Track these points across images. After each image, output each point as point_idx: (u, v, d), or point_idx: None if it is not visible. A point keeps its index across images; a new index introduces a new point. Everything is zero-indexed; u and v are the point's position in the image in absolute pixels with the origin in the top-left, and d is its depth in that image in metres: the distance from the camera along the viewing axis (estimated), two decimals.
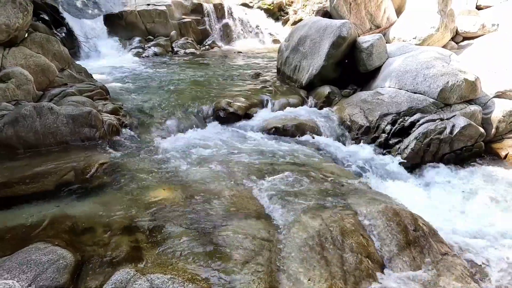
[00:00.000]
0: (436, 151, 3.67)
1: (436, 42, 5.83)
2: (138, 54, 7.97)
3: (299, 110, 4.52)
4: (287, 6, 11.39)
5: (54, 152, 3.22)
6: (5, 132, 3.17)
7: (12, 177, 2.73)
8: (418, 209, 2.48)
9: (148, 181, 2.84)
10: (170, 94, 4.86)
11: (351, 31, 4.64)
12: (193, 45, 8.84)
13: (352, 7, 6.45)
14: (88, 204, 2.52)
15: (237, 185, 2.76)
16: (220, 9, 9.95)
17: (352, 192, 2.74)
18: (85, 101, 3.87)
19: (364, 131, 4.02)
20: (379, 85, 4.44)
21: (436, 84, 3.88)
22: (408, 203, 2.59)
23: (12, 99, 3.62)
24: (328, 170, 3.11)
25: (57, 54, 4.38)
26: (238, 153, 3.40)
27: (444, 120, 3.74)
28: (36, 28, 4.51)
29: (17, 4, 3.85)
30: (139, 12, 8.57)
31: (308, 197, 2.60)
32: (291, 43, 5.44)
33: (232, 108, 4.35)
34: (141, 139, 3.75)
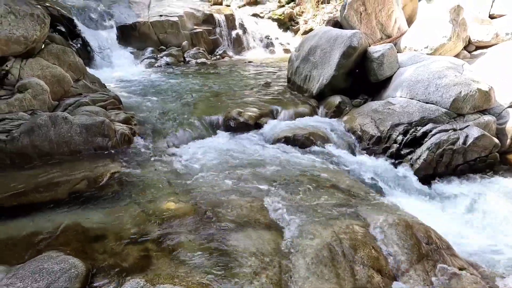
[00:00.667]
0: (449, 162, 3.61)
1: (448, 51, 5.77)
2: (151, 64, 8.09)
3: (310, 120, 4.52)
4: (298, 16, 11.46)
5: (67, 161, 3.28)
6: (21, 141, 3.25)
7: (27, 185, 2.79)
8: (431, 222, 2.44)
9: (159, 191, 2.86)
10: (181, 104, 4.92)
11: (361, 41, 4.64)
12: (204, 55, 8.94)
13: (363, 17, 6.45)
14: (100, 213, 2.55)
15: (247, 196, 2.76)
16: (231, 19, 10.06)
17: (364, 203, 2.71)
18: (98, 111, 3.95)
19: (375, 141, 3.99)
20: (390, 95, 4.41)
21: (449, 94, 3.84)
22: (420, 215, 2.55)
23: (29, 108, 3.71)
24: (338, 180, 3.09)
25: (72, 65, 4.49)
26: (248, 163, 3.41)
27: (457, 131, 3.68)
28: (52, 40, 4.64)
29: (35, 17, 3.97)
30: (151, 23, 8.73)
31: (318, 208, 2.58)
32: (302, 53, 5.46)
33: (243, 118, 4.37)
34: (152, 148, 3.79)
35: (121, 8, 8.98)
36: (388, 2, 6.37)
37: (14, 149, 3.23)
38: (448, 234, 2.42)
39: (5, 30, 3.70)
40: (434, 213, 2.82)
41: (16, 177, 2.95)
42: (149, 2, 9.80)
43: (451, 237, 2.43)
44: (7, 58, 3.88)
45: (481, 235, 2.63)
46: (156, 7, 9.47)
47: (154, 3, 9.80)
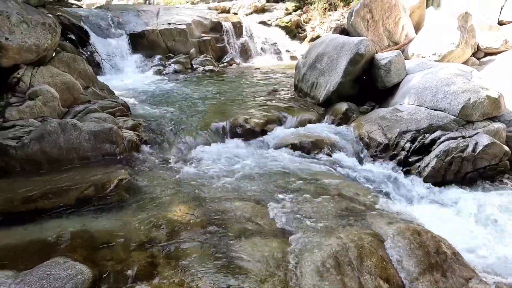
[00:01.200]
0: (458, 169, 3.56)
1: (457, 58, 5.73)
2: (159, 71, 8.18)
3: (316, 127, 4.51)
4: (305, 23, 11.51)
5: (75, 167, 3.32)
6: (31, 148, 3.30)
7: (36, 191, 2.82)
8: (440, 230, 2.40)
9: (165, 197, 2.87)
10: (188, 110, 4.95)
11: (368, 48, 4.64)
12: (212, 62, 9.02)
13: (370, 24, 6.45)
14: (107, 219, 2.57)
15: (253, 202, 2.76)
16: (238, 27, 10.15)
17: (371, 211, 2.69)
18: (107, 118, 3.99)
19: (383, 148, 3.96)
20: (398, 101, 4.39)
21: (457, 101, 3.80)
22: (429, 224, 2.51)
23: (39, 115, 3.77)
24: (345, 188, 3.07)
25: (82, 72, 4.56)
26: (254, 170, 3.40)
27: (466, 138, 3.64)
28: (63, 48, 4.73)
29: (47, 26, 4.05)
30: (160, 31, 8.85)
31: (325, 215, 2.56)
32: (309, 60, 5.47)
33: (249, 125, 4.38)
34: (159, 155, 3.82)
35: (130, 17, 9.12)
36: (395, 9, 6.37)
37: (24, 155, 3.28)
38: (458, 243, 2.38)
39: (17, 38, 3.78)
40: (443, 222, 2.78)
41: (25, 183, 2.98)
42: (157, 10, 9.94)
43: (461, 246, 2.39)
44: (19, 66, 3.96)
45: (492, 243, 2.58)
46: (165, 15, 9.59)
47: (163, 11, 9.94)
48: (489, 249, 2.52)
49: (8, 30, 3.73)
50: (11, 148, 3.26)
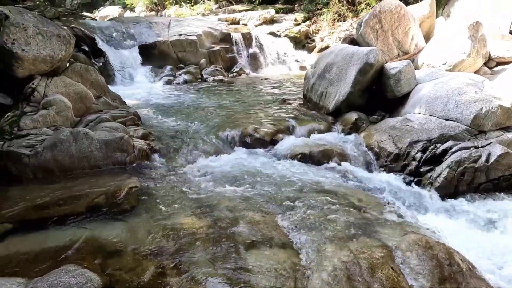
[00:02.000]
0: (471, 180, 3.50)
1: (468, 67, 5.69)
2: (169, 81, 8.29)
3: (326, 137, 4.49)
4: (314, 34, 11.57)
5: (87, 176, 3.36)
6: (44, 156, 3.35)
7: (48, 199, 2.86)
8: (452, 242, 2.35)
9: (175, 206, 2.88)
10: (198, 120, 4.99)
11: (378, 57, 4.63)
12: (222, 72, 9.10)
13: (379, 34, 6.46)
14: (117, 228, 2.58)
15: (262, 212, 2.74)
16: (248, 38, 10.26)
17: (381, 222, 2.65)
18: (118, 127, 4.04)
19: (393, 158, 3.92)
20: (408, 111, 4.35)
21: (469, 110, 3.76)
22: (441, 235, 2.47)
23: (52, 124, 3.84)
24: (356, 198, 3.04)
25: (94, 82, 4.65)
26: (264, 179, 3.40)
27: (479, 148, 3.58)
28: (77, 59, 4.84)
29: (61, 38, 4.16)
30: (171, 42, 9.00)
31: (335, 226, 2.53)
32: (318, 70, 5.49)
33: (259, 134, 4.38)
34: (169, 164, 3.84)
35: (142, 28, 9.30)
36: (405, 20, 6.37)
37: (37, 164, 3.33)
38: (471, 255, 2.32)
39: (33, 50, 3.89)
40: (456, 233, 2.72)
41: (38, 190, 3.03)
42: (169, 22, 10.12)
43: (475, 258, 2.33)
44: (34, 77, 4.05)
45: (507, 256, 2.51)
46: (176, 27, 9.76)
47: (174, 23, 10.11)
48: (503, 261, 2.46)
49: (24, 41, 3.83)
50: (24, 156, 3.32)
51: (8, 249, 2.35)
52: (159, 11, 18.46)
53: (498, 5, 6.67)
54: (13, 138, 3.50)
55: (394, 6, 6.34)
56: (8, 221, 2.61)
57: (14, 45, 3.77)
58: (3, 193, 3.02)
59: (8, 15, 3.81)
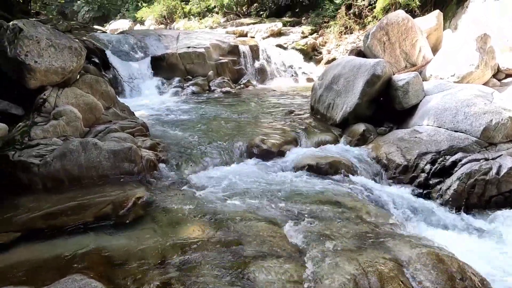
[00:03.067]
0: (482, 193, 3.44)
1: (476, 79, 5.65)
2: (177, 93, 8.39)
3: (333, 148, 4.48)
4: (321, 46, 11.65)
5: (95, 185, 3.38)
6: (53, 166, 3.39)
7: (56, 208, 2.88)
8: (464, 256, 2.30)
9: (182, 217, 2.87)
10: (206, 131, 5.02)
11: (385, 69, 4.64)
12: (229, 84, 9.18)
13: (386, 46, 6.48)
14: (124, 238, 2.58)
15: (269, 223, 2.72)
16: (255, 50, 10.37)
17: (390, 234, 2.61)
18: (126, 137, 4.08)
19: (402, 170, 3.88)
20: (417, 123, 4.32)
21: (479, 122, 3.72)
22: (452, 249, 2.41)
23: (62, 134, 3.89)
24: (364, 210, 3.00)
25: (104, 93, 4.72)
26: (270, 190, 3.38)
27: (489, 160, 3.53)
28: (87, 70, 4.92)
29: (73, 50, 4.25)
30: (179, 54, 9.13)
31: (343, 238, 2.50)
32: (325, 81, 5.50)
33: (266, 145, 4.38)
34: (176, 174, 3.85)
35: (151, 41, 9.47)
36: (412, 32, 6.39)
37: (46, 173, 3.36)
38: (483, 269, 2.26)
39: (45, 61, 3.97)
40: (467, 247, 2.66)
41: (46, 200, 3.05)
42: (177, 35, 10.29)
43: (487, 273, 2.27)
44: (45, 88, 4.13)
45: None
46: (185, 39, 9.92)
47: (183, 36, 10.28)
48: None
49: (37, 53, 3.92)
50: (34, 166, 3.36)
51: (15, 257, 2.36)
52: (168, 24, 18.82)
53: (505, 9, 6.67)
54: (24, 148, 3.55)
55: (401, 19, 6.37)
56: (16, 230, 2.62)
57: (27, 57, 3.86)
58: (13, 202, 3.05)
59: (22, 28, 3.91)
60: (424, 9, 9.58)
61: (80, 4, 22.98)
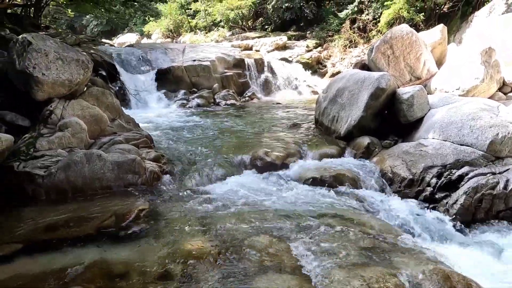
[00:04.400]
0: (489, 207, 3.37)
1: (482, 93, 5.64)
2: (183, 105, 8.45)
3: (338, 161, 4.45)
4: (325, 59, 11.74)
5: (98, 197, 3.38)
6: (57, 177, 3.40)
7: (58, 220, 2.88)
8: (471, 273, 2.24)
9: (184, 229, 2.85)
10: (210, 143, 5.02)
11: (390, 82, 4.64)
12: (234, 97, 9.24)
13: (391, 60, 6.50)
14: (125, 250, 2.56)
15: (272, 237, 2.69)
16: (260, 63, 10.47)
17: (395, 249, 2.56)
18: (131, 149, 4.10)
19: (407, 183, 3.84)
20: (422, 136, 4.30)
21: (485, 136, 3.68)
22: (459, 265, 2.36)
23: (67, 146, 3.92)
24: (369, 224, 2.95)
25: (110, 105, 4.76)
26: (274, 203, 3.35)
27: (496, 174, 3.48)
28: (94, 83, 4.99)
29: (80, 63, 4.31)
30: (185, 67, 9.24)
31: (348, 253, 2.45)
32: (329, 94, 5.52)
33: (270, 158, 4.37)
34: (180, 186, 3.84)
35: (157, 54, 9.61)
36: (416, 45, 6.41)
37: (51, 184, 3.38)
38: (490, 287, 2.20)
39: (52, 74, 4.03)
40: (474, 263, 2.60)
41: (49, 211, 3.05)
42: (183, 48, 10.44)
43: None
44: (52, 100, 4.18)
45: None
46: (191, 52, 10.05)
47: (189, 49, 10.42)
48: None
49: (45, 66, 3.99)
50: (38, 177, 3.37)
51: (16, 269, 2.35)
52: (174, 38, 19.13)
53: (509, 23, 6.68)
54: (29, 159, 3.58)
55: (405, 33, 6.41)
56: (18, 241, 2.62)
57: (35, 69, 3.92)
58: (17, 213, 3.06)
59: (31, 41, 3.99)
60: (428, 23, 9.65)
61: (89, 19, 23.47)
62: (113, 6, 11.60)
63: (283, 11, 14.53)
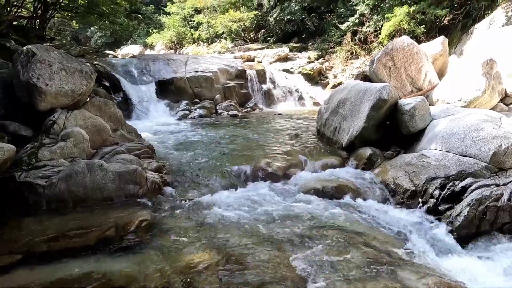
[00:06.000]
0: (493, 220, 3.33)
1: (484, 104, 5.64)
2: (185, 115, 8.48)
3: (339, 172, 4.43)
4: (327, 71, 11.81)
5: (99, 207, 3.36)
6: (59, 187, 3.39)
7: (59, 230, 2.85)
8: (474, 286, 2.20)
9: (185, 241, 2.82)
10: (211, 154, 5.02)
11: (391, 93, 4.65)
12: (236, 107, 9.28)
13: (392, 71, 6.53)
14: (125, 262, 2.53)
15: (274, 249, 2.66)
16: (262, 74, 10.54)
17: (399, 262, 2.52)
18: (132, 159, 4.09)
19: (410, 195, 3.80)
20: (424, 147, 4.28)
21: (487, 147, 3.66)
22: (463, 279, 2.32)
23: (69, 156, 3.92)
24: (371, 236, 2.92)
25: (112, 116, 4.78)
26: (275, 215, 3.32)
27: (500, 186, 3.44)
28: (97, 93, 5.03)
29: (83, 73, 4.35)
30: (187, 78, 9.31)
31: (350, 266, 2.42)
32: (331, 105, 5.52)
33: (271, 168, 4.36)
34: (181, 197, 3.82)
35: (160, 65, 9.69)
36: (417, 57, 6.45)
37: (52, 194, 3.37)
38: None
39: (56, 84, 4.07)
40: (478, 277, 2.55)
41: (50, 221, 3.03)
42: (186, 59, 10.53)
43: None
44: (55, 110, 4.21)
45: None
46: (193, 64, 10.13)
47: (191, 60, 10.51)
48: None
49: (48, 76, 4.02)
50: (40, 187, 3.36)
51: (15, 281, 2.32)
52: (177, 49, 19.33)
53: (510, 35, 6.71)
54: (31, 169, 3.58)
55: (407, 44, 6.45)
56: (17, 252, 2.60)
57: (39, 80, 3.95)
58: (17, 223, 3.04)
59: (36, 52, 4.03)
60: (428, 35, 9.73)
61: (93, 30, 23.80)
62: (117, 18, 11.76)
63: (285, 23, 14.71)
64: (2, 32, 8.26)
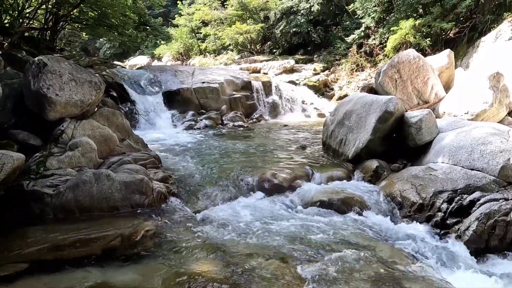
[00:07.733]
0: (503, 234, 3.28)
1: (491, 117, 5.60)
2: (191, 126, 8.52)
3: (345, 184, 4.40)
4: (333, 83, 11.86)
5: (105, 217, 3.37)
6: (66, 196, 3.41)
7: (65, 240, 2.86)
8: None
9: (190, 252, 2.81)
10: (217, 164, 5.03)
11: (398, 106, 4.65)
12: (241, 118, 9.31)
13: (398, 84, 6.53)
14: (131, 272, 2.53)
15: (281, 262, 2.63)
16: (268, 85, 10.61)
17: (406, 277, 2.49)
18: (139, 169, 4.11)
19: (417, 208, 3.76)
20: (431, 160, 4.25)
21: (496, 161, 3.63)
22: None
23: (76, 165, 3.95)
24: (378, 250, 2.89)
25: (119, 126, 4.83)
26: (282, 226, 3.31)
27: (509, 200, 3.40)
28: (105, 103, 5.09)
29: (93, 84, 4.42)
30: (194, 89, 9.39)
31: (356, 279, 2.39)
32: (337, 117, 5.53)
33: (277, 180, 4.35)
34: (187, 207, 3.82)
35: (167, 76, 9.80)
36: (423, 70, 6.45)
37: (59, 203, 3.38)
38: None
39: (66, 95, 4.13)
40: None
41: (56, 231, 3.04)
42: (193, 71, 10.64)
43: None
44: (64, 119, 4.26)
45: None
46: (200, 75, 10.24)
47: (198, 71, 10.62)
48: None
49: (59, 87, 4.09)
50: (47, 196, 3.39)
51: None
52: (184, 60, 19.58)
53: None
54: (39, 178, 3.61)
55: (413, 57, 6.47)
56: (23, 261, 2.60)
57: (49, 90, 4.02)
58: (23, 232, 3.05)
59: (47, 63, 4.11)
60: (434, 48, 9.76)
61: (102, 42, 24.20)
62: (126, 30, 11.97)
63: (291, 36, 14.86)
64: (14, 43, 8.45)
